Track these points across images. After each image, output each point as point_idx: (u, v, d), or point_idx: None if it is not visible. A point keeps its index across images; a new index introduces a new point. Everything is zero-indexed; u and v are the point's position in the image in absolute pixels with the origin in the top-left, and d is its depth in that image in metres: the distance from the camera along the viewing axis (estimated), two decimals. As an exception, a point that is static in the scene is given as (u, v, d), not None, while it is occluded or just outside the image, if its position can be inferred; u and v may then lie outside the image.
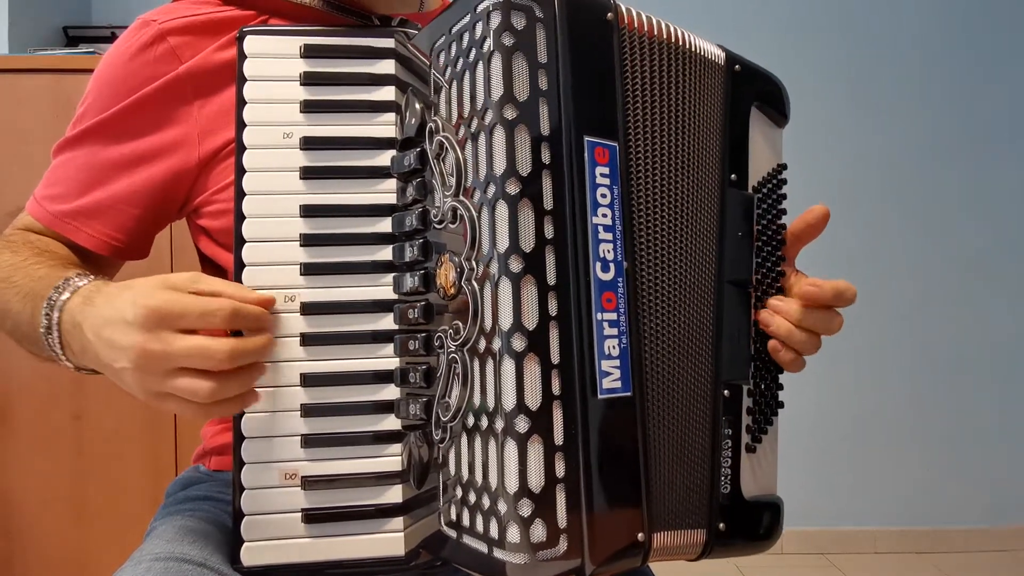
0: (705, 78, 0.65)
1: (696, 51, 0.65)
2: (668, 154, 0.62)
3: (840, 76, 2.51)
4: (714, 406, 0.64)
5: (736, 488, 0.64)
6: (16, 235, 0.76)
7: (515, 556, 0.52)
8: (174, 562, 0.64)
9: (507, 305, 0.53)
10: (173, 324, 0.55)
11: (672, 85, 0.63)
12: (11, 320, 0.68)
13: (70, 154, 0.76)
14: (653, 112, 0.61)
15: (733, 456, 0.64)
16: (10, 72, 1.69)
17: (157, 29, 0.73)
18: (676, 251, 0.62)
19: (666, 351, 0.61)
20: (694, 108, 0.64)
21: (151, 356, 0.54)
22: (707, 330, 0.64)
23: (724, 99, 0.66)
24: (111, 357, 0.56)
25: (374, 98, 0.66)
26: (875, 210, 2.51)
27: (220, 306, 0.56)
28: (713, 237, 0.65)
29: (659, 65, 0.62)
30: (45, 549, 1.71)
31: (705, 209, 0.64)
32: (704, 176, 0.64)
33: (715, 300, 0.64)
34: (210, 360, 0.54)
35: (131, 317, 0.54)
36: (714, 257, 0.65)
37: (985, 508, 2.55)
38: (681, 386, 0.62)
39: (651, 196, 0.61)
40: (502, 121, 0.54)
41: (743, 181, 0.67)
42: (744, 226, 0.66)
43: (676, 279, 0.62)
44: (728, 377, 0.64)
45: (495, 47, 0.54)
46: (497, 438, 0.53)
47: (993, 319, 2.56)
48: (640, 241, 0.60)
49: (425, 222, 0.61)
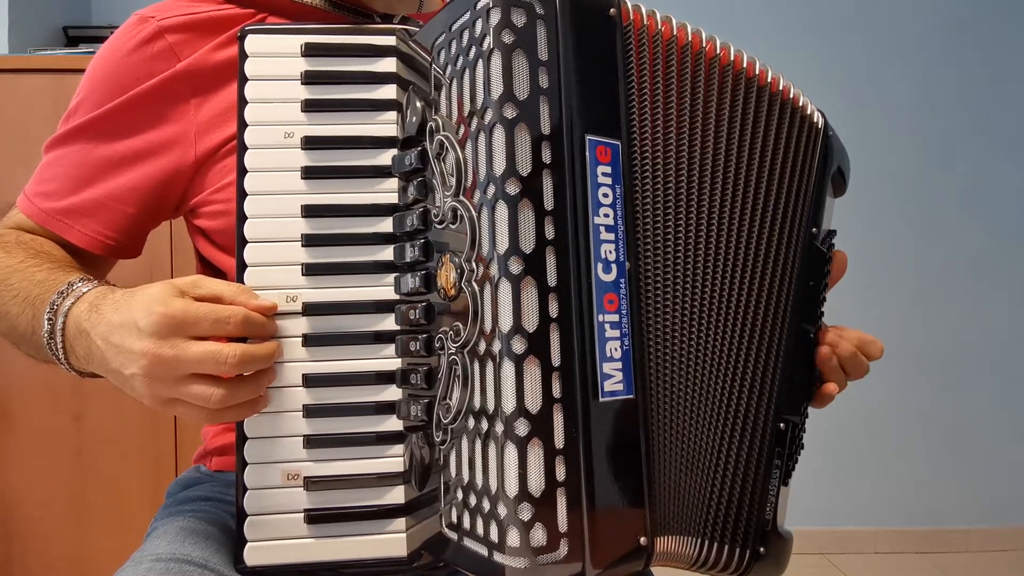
0: (794, 127, 0.69)
1: (787, 96, 0.68)
2: (691, 159, 0.62)
3: (840, 75, 2.51)
4: (771, 437, 0.66)
5: (775, 517, 0.66)
6: (8, 235, 0.75)
7: (515, 560, 0.52)
8: (175, 563, 0.64)
9: (507, 307, 0.53)
10: (186, 331, 0.55)
11: (690, 86, 0.62)
12: (7, 323, 0.68)
13: (63, 150, 0.75)
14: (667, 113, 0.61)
15: (777, 486, 0.66)
16: (10, 72, 1.69)
17: (156, 26, 0.73)
18: (699, 259, 0.62)
19: (677, 356, 0.60)
20: (771, 144, 0.66)
21: (162, 362, 0.54)
22: (762, 362, 0.65)
23: (820, 158, 0.71)
24: (120, 363, 0.56)
25: (375, 96, 0.66)
26: (875, 210, 2.50)
27: (232, 313, 0.56)
28: (782, 278, 0.67)
29: (678, 68, 0.62)
30: (45, 549, 1.71)
31: (772, 246, 0.66)
32: (777, 215, 0.67)
33: (776, 338, 0.66)
34: (222, 365, 0.55)
35: (144, 324, 0.54)
36: (780, 297, 0.66)
37: (985, 508, 2.55)
38: (699, 394, 0.61)
39: (661, 197, 0.60)
40: (502, 120, 0.53)
41: (818, 236, 0.70)
42: (815, 277, 0.69)
43: (694, 286, 0.61)
44: (785, 412, 0.66)
45: (495, 45, 0.54)
46: (497, 441, 0.53)
47: (993, 319, 2.56)
48: (646, 243, 0.59)
49: (426, 222, 0.61)
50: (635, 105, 0.59)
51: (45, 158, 0.77)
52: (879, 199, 2.51)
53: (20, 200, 0.77)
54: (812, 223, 0.69)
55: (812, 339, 0.69)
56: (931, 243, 2.54)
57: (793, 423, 0.68)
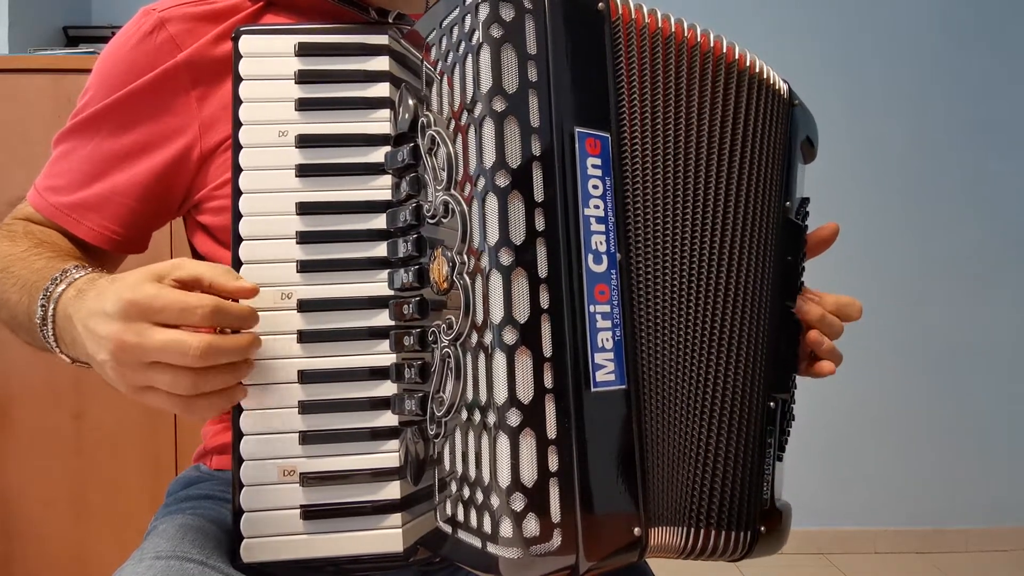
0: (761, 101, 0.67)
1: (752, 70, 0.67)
2: (676, 149, 0.62)
3: (839, 74, 2.51)
4: (761, 416, 0.65)
5: (772, 494, 0.66)
6: (17, 225, 0.76)
7: (508, 551, 0.52)
8: (175, 560, 0.64)
9: (498, 298, 0.53)
10: (151, 318, 0.54)
11: (673, 76, 0.62)
12: (8, 310, 0.69)
13: (72, 144, 0.77)
14: (655, 104, 0.61)
15: (772, 463, 0.66)
16: (10, 72, 1.70)
17: (157, 17, 0.74)
18: (687, 248, 0.62)
19: (668, 345, 0.60)
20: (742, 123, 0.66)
21: (126, 348, 0.54)
22: (750, 342, 0.65)
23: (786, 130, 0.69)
24: (94, 348, 0.56)
25: (369, 94, 0.66)
26: (875, 210, 2.51)
27: (200, 303, 0.54)
28: (763, 255, 0.66)
29: (663, 59, 0.62)
30: (45, 549, 1.71)
31: (753, 225, 0.66)
32: (754, 193, 0.66)
33: (761, 316, 0.65)
34: (185, 356, 0.53)
35: (111, 309, 0.54)
36: (762, 276, 0.66)
37: (985, 508, 2.54)
38: (691, 383, 0.61)
39: (651, 188, 0.60)
40: (491, 114, 0.54)
41: (792, 209, 0.69)
42: (793, 251, 0.68)
43: (685, 275, 0.62)
44: (774, 390, 0.66)
45: (484, 39, 0.54)
46: (489, 432, 0.53)
47: (993, 319, 2.56)
48: (636, 233, 0.59)
49: (419, 217, 0.61)
50: (624, 97, 0.60)
51: (55, 151, 0.78)
52: (879, 199, 2.51)
53: (30, 193, 0.78)
54: (784, 196, 0.68)
55: (794, 314, 0.68)
56: (931, 243, 2.54)
57: (783, 400, 0.67)
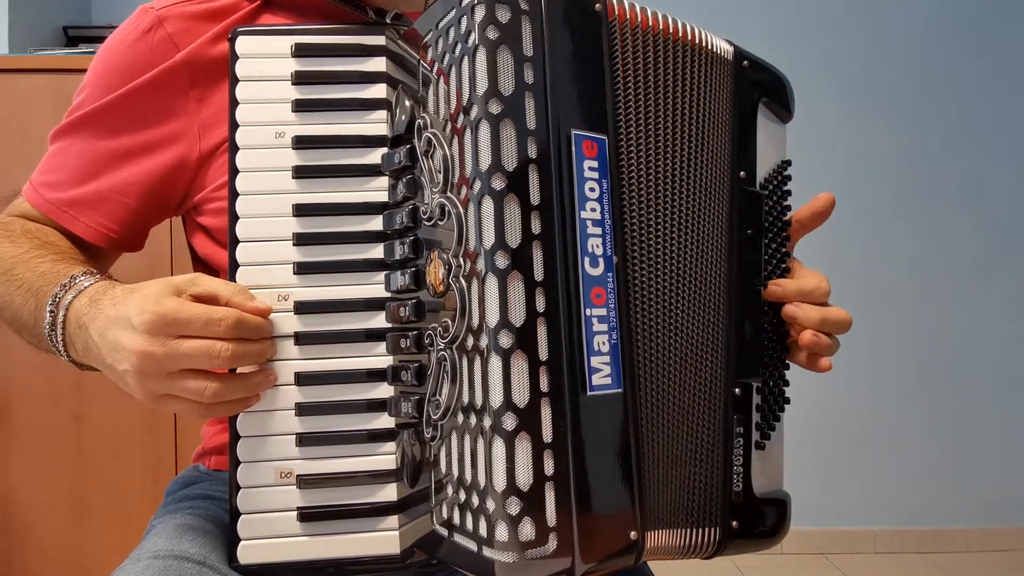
0: (711, 72, 0.65)
1: (701, 44, 0.64)
2: (664, 147, 0.62)
3: (839, 74, 2.51)
4: (725, 404, 0.63)
5: (748, 485, 0.64)
6: (14, 223, 0.76)
7: (503, 555, 0.52)
8: (173, 560, 0.64)
9: (494, 301, 0.53)
10: (177, 331, 0.56)
11: (669, 77, 0.62)
12: (11, 312, 0.69)
13: (68, 141, 0.76)
14: (647, 104, 0.61)
15: (744, 454, 0.64)
16: (10, 72, 1.70)
17: (155, 15, 0.74)
18: (674, 246, 0.62)
19: (662, 348, 0.60)
20: (697, 102, 0.64)
21: (154, 359, 0.55)
22: (715, 328, 0.63)
23: (732, 95, 0.66)
24: (114, 359, 0.58)
25: (365, 96, 0.66)
26: (875, 210, 2.50)
27: (224, 316, 0.57)
28: (721, 234, 0.64)
29: (653, 57, 0.62)
30: (45, 549, 1.72)
31: (712, 205, 0.64)
32: (710, 172, 0.64)
33: (724, 299, 0.64)
34: (215, 359, 0.56)
35: (136, 321, 0.56)
36: (723, 256, 0.64)
37: (985, 508, 2.54)
38: (680, 384, 0.61)
39: (644, 190, 0.60)
40: (487, 116, 0.54)
41: (751, 178, 0.67)
42: (753, 224, 0.66)
43: (674, 274, 0.61)
44: (739, 375, 0.64)
45: (480, 41, 0.54)
46: (485, 435, 0.53)
47: (993, 319, 2.55)
48: (632, 236, 0.59)
49: (415, 219, 0.61)
50: (620, 99, 0.59)
51: (51, 148, 0.78)
52: (878, 199, 2.51)
53: (26, 189, 0.78)
54: (738, 164, 0.66)
55: (759, 292, 0.66)
56: (930, 244, 2.54)
57: (747, 386, 0.65)
